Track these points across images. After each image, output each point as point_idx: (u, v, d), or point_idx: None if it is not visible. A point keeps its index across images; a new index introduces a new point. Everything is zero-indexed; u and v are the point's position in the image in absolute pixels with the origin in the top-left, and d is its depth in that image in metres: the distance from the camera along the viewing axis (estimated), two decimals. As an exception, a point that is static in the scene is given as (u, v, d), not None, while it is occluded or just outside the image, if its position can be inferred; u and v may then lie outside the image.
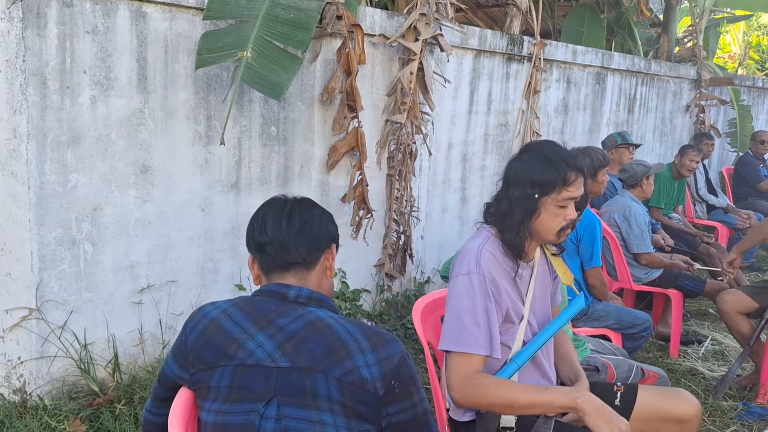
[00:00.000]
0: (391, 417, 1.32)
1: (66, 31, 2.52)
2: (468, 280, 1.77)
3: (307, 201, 1.51)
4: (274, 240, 1.41)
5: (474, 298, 1.76)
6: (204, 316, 1.39)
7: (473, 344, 1.73)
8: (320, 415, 1.27)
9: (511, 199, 1.82)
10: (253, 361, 1.30)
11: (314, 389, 1.27)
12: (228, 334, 1.33)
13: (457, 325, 1.76)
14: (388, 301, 4.06)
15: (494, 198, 1.91)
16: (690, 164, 5.17)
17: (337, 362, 1.28)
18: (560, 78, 5.19)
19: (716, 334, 4.23)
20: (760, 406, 3.24)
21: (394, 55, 3.80)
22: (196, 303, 3.08)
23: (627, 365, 2.47)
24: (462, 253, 1.87)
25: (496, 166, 4.78)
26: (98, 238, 2.72)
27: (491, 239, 1.87)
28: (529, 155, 1.85)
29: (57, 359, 2.67)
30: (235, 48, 2.65)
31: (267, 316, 1.34)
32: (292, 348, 1.30)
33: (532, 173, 1.80)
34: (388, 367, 1.30)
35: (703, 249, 4.80)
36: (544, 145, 1.88)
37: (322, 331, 1.31)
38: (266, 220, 1.44)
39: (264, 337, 1.32)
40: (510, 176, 1.86)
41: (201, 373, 1.33)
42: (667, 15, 7.11)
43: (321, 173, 3.55)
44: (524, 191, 1.80)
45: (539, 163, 1.80)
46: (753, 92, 8.46)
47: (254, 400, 1.28)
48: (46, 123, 2.52)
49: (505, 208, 1.83)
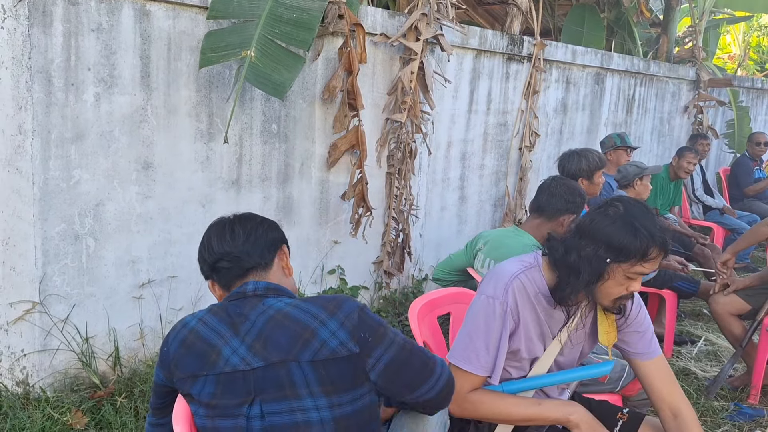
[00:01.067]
0: (377, 364, 1.37)
1: (71, 29, 2.55)
2: (489, 303, 1.75)
3: (247, 214, 1.58)
4: (223, 254, 1.48)
5: (489, 322, 1.75)
6: (184, 326, 1.43)
7: (476, 365, 1.75)
8: (300, 402, 1.31)
9: (580, 254, 1.67)
10: (230, 368, 1.34)
11: (291, 379, 1.32)
12: (206, 341, 1.37)
13: (466, 342, 1.77)
14: (386, 298, 4.10)
15: (563, 242, 1.74)
16: (687, 166, 5.21)
17: (305, 346, 1.32)
18: (559, 78, 5.22)
19: (709, 335, 4.27)
20: (751, 406, 3.28)
21: (394, 55, 3.83)
22: (195, 298, 3.12)
23: (620, 365, 2.51)
24: (495, 272, 1.81)
25: (495, 165, 4.82)
26: (100, 233, 2.76)
27: (534, 270, 1.79)
28: (615, 213, 1.67)
29: (59, 352, 2.71)
30: (239, 47, 2.68)
31: (236, 319, 1.39)
32: (262, 346, 1.34)
33: (612, 235, 1.63)
34: (351, 325, 1.36)
35: (698, 250, 4.84)
36: (635, 208, 1.68)
37: (283, 323, 1.36)
38: (211, 240, 1.51)
39: (237, 342, 1.36)
40: (587, 227, 1.70)
41: (182, 381, 1.38)
42: (667, 15, 7.13)
43: (321, 171, 3.59)
44: (597, 251, 1.65)
45: (624, 227, 1.63)
46: (752, 93, 8.49)
47: (238, 404, 1.33)
48: (51, 120, 2.55)
49: (572, 262, 1.68)
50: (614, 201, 1.72)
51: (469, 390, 1.77)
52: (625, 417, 1.89)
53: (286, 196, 3.43)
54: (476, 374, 1.76)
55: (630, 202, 1.71)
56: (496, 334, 1.74)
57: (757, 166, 6.74)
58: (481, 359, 1.75)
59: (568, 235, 1.76)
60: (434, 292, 2.37)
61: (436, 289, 2.50)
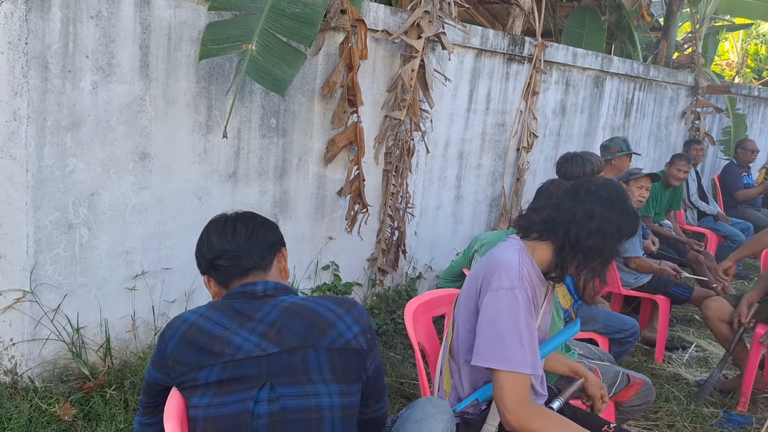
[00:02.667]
0: (369, 368, 1.45)
1: (69, 15, 2.51)
2: (512, 295, 1.72)
3: (249, 213, 1.58)
4: (223, 252, 1.48)
5: (518, 314, 1.71)
6: (183, 321, 1.42)
7: (521, 363, 1.69)
8: (314, 387, 1.34)
9: (604, 238, 1.78)
10: (243, 354, 1.34)
11: (306, 365, 1.35)
12: (210, 334, 1.37)
13: (499, 341, 1.70)
14: (380, 295, 4.09)
15: (574, 224, 1.79)
16: (677, 174, 5.20)
17: (323, 334, 1.38)
18: (559, 80, 5.21)
19: (701, 341, 4.29)
20: (740, 414, 3.30)
21: (395, 52, 3.80)
22: (189, 291, 3.10)
23: (613, 371, 2.51)
24: (499, 264, 1.80)
25: (492, 165, 4.81)
26: (94, 223, 2.73)
27: (525, 254, 1.83)
28: (621, 202, 1.82)
29: (49, 342, 2.69)
30: (240, 40, 2.65)
31: (243, 313, 1.40)
32: (276, 334, 1.37)
33: (624, 221, 1.81)
34: (364, 324, 1.46)
35: (692, 256, 4.85)
36: (626, 195, 1.88)
37: (299, 312, 1.40)
38: (210, 237, 1.51)
39: (247, 332, 1.37)
40: (599, 214, 1.78)
41: (184, 374, 1.36)
42: (668, 20, 7.13)
43: (318, 166, 3.56)
44: (612, 235, 1.78)
45: (632, 214, 1.83)
46: (749, 101, 8.52)
47: (247, 388, 1.33)
48: (47, 106, 2.51)
49: (596, 246, 1.77)
50: (612, 188, 1.85)
51: (525, 394, 1.69)
52: (611, 430, 1.89)
53: (283, 191, 3.41)
54: (523, 372, 1.69)
55: (623, 190, 1.87)
56: (525, 324, 1.71)
57: (745, 172, 6.79)
58: (522, 355, 1.69)
59: (576, 218, 1.79)
60: (430, 292, 2.36)
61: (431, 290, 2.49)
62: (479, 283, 1.81)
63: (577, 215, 1.78)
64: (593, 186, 1.84)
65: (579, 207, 1.79)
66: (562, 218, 1.80)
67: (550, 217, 1.83)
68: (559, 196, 1.88)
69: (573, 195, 1.84)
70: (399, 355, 3.60)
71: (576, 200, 1.81)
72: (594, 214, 1.78)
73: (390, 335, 3.82)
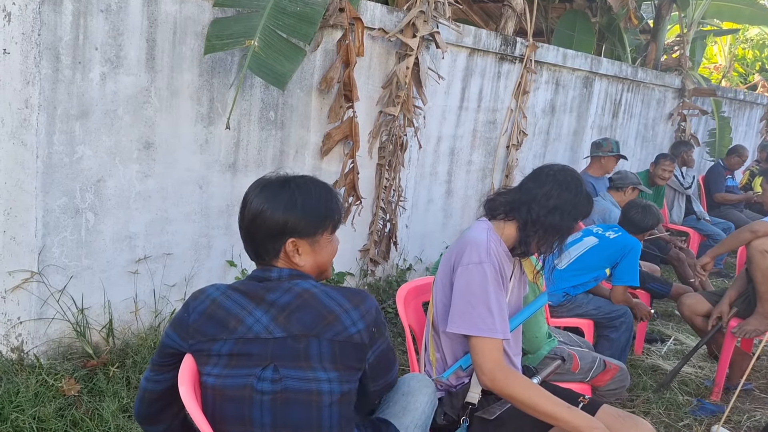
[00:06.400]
0: (370, 358, 1.53)
1: (80, 9, 2.62)
2: (481, 269, 1.89)
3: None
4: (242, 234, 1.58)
5: (486, 285, 1.88)
6: (207, 297, 1.52)
7: (491, 329, 1.85)
8: (315, 373, 1.44)
9: (561, 216, 1.98)
10: (252, 334, 1.45)
11: (307, 351, 1.44)
12: (228, 311, 1.48)
13: (469, 310, 1.88)
14: (371, 285, 4.22)
15: (535, 204, 1.99)
16: (662, 173, 5.38)
17: (328, 326, 1.46)
18: (549, 80, 5.36)
19: (679, 335, 4.46)
20: (713, 403, 3.46)
21: (391, 49, 3.93)
22: (189, 276, 3.22)
23: (591, 357, 2.66)
24: (469, 242, 1.97)
25: (482, 162, 4.95)
26: (100, 208, 2.84)
27: (492, 233, 2.00)
28: (577, 184, 2.04)
29: (55, 321, 2.80)
30: (243, 36, 2.77)
31: (258, 293, 1.50)
32: (285, 319, 1.46)
33: (579, 203, 2.02)
34: (369, 319, 1.51)
35: (674, 254, 5.01)
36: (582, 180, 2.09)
37: (309, 302, 1.48)
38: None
39: (260, 313, 1.47)
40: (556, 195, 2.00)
41: (201, 343, 1.48)
42: (657, 23, 7.29)
43: (315, 159, 3.69)
44: (570, 213, 2.00)
45: (584, 196, 2.04)
46: (734, 104, 8.71)
47: (252, 365, 1.44)
48: (57, 96, 2.62)
49: (553, 222, 1.98)
50: (570, 172, 2.08)
51: (498, 357, 1.85)
52: (586, 401, 2.03)
53: (280, 182, 3.53)
54: (495, 338, 1.85)
55: (578, 175, 2.09)
56: (493, 294, 1.88)
57: (730, 174, 6.97)
58: (488, 321, 1.86)
59: (537, 198, 2.00)
60: (420, 279, 2.49)
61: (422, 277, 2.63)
62: (453, 260, 1.99)
63: (538, 195, 2.00)
64: (552, 171, 2.06)
65: (540, 188, 2.01)
66: (525, 198, 2.01)
67: (514, 198, 2.04)
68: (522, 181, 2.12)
69: (534, 178, 2.06)
70: (389, 342, 3.74)
71: (537, 182, 2.03)
72: (552, 195, 1.99)
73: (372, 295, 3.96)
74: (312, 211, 1.52)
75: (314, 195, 1.53)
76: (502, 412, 1.95)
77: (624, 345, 3.45)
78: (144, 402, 1.59)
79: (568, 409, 1.80)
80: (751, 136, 9.39)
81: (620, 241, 3.51)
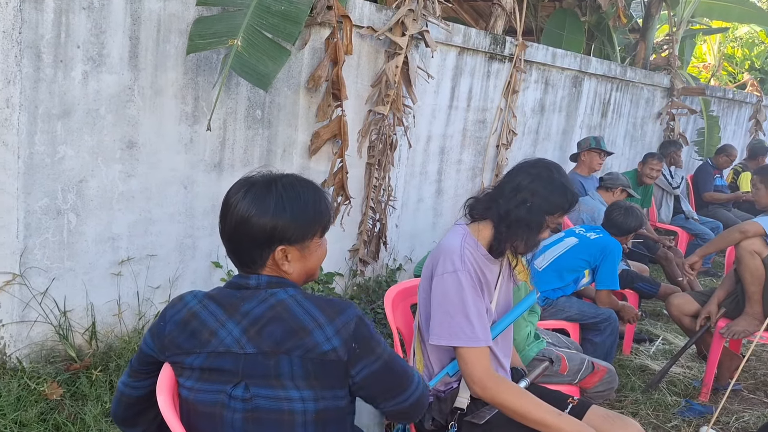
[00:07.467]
0: (355, 376, 1.40)
1: (62, 6, 2.57)
2: (456, 278, 1.86)
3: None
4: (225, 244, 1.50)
5: (463, 294, 1.84)
6: (184, 305, 1.46)
7: (472, 338, 1.82)
8: (286, 392, 1.37)
9: (528, 209, 1.91)
10: (224, 348, 1.39)
11: (278, 370, 1.36)
12: (203, 322, 1.42)
13: (448, 320, 1.84)
14: (360, 285, 4.20)
15: (503, 199, 1.94)
16: (650, 172, 5.40)
17: (299, 341, 1.36)
18: (539, 79, 5.34)
19: (668, 335, 4.46)
20: (701, 403, 3.46)
21: (380, 48, 3.90)
22: (173, 277, 3.18)
23: (579, 358, 2.65)
24: (443, 250, 1.93)
25: (472, 161, 4.93)
26: (82, 209, 2.80)
27: (468, 238, 1.95)
28: (549, 175, 1.96)
29: (37, 324, 2.76)
30: (226, 36, 2.73)
31: (233, 303, 1.43)
32: (256, 333, 1.38)
33: (551, 194, 1.93)
34: (346, 334, 1.37)
35: (662, 253, 5.02)
36: (560, 171, 2.00)
37: (282, 315, 1.39)
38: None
39: (233, 324, 1.40)
40: (526, 186, 1.93)
41: (176, 355, 1.44)
42: (646, 22, 7.30)
43: (303, 158, 3.65)
44: (540, 206, 1.92)
45: (558, 187, 1.94)
46: (723, 103, 8.74)
47: (223, 382, 1.39)
48: (39, 95, 2.57)
49: (520, 216, 1.90)
50: (544, 164, 2.00)
51: (486, 364, 1.83)
52: (575, 402, 2.03)
53: (267, 182, 3.49)
54: (476, 346, 1.82)
55: (557, 166, 2.01)
56: (471, 302, 1.85)
57: (718, 174, 7.00)
58: (468, 331, 1.83)
59: (504, 193, 1.95)
60: (409, 281, 2.47)
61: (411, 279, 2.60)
62: (431, 269, 1.96)
63: (506, 189, 1.96)
64: (526, 164, 2.01)
65: (510, 183, 1.97)
66: (497, 194, 1.98)
67: (488, 197, 2.00)
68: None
69: (508, 173, 2.02)
70: (377, 343, 3.72)
71: (508, 177, 2.00)
72: (521, 187, 1.94)
73: (354, 304, 3.93)
74: (301, 215, 1.43)
75: (303, 197, 1.44)
76: (492, 417, 1.93)
77: (609, 348, 3.44)
78: (121, 405, 1.55)
79: (559, 417, 1.80)
80: (740, 135, 9.43)
81: (600, 242, 3.49)
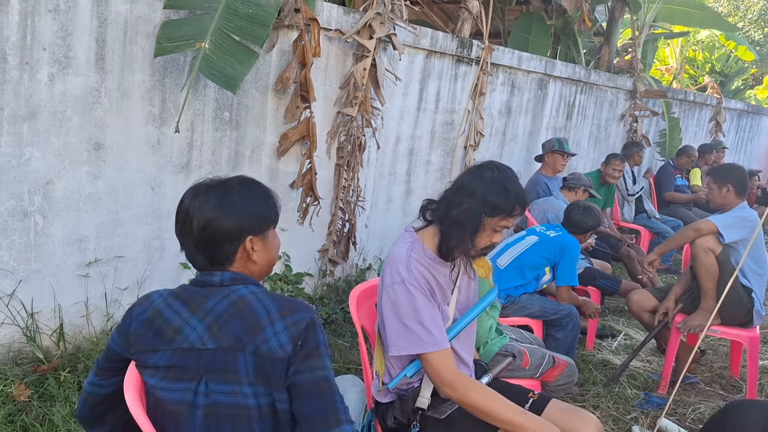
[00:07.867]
0: (291, 377, 1.43)
1: (28, 8, 2.57)
2: (404, 288, 1.88)
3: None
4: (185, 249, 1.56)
5: (414, 302, 1.87)
6: (150, 304, 1.51)
7: (434, 342, 1.86)
8: (241, 387, 1.42)
9: (463, 209, 1.90)
10: (188, 345, 1.45)
11: (235, 365, 1.42)
12: (168, 321, 1.47)
13: (405, 331, 1.87)
14: (330, 285, 4.24)
15: (445, 200, 1.96)
16: (613, 172, 5.57)
17: (252, 337, 1.43)
18: (505, 82, 5.45)
19: (629, 330, 4.59)
20: (659, 396, 3.58)
21: (348, 50, 3.95)
22: (141, 278, 3.19)
23: (540, 353, 2.74)
24: (390, 261, 1.95)
25: (440, 162, 5.01)
26: (49, 211, 2.79)
27: (416, 244, 1.97)
28: (491, 176, 1.92)
29: (4, 326, 2.75)
30: (194, 39, 2.76)
31: (197, 300, 1.49)
32: (218, 329, 1.44)
33: (488, 194, 1.89)
34: (295, 331, 1.43)
35: (624, 252, 5.17)
36: (506, 173, 1.95)
37: (242, 311, 1.45)
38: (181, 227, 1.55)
39: (196, 321, 1.46)
40: (467, 186, 1.93)
41: (140, 354, 1.48)
42: (610, 27, 7.48)
43: (271, 159, 3.69)
44: (477, 207, 1.89)
45: (498, 188, 1.89)
46: (684, 105, 8.98)
47: (188, 379, 1.44)
48: (4, 97, 2.57)
49: (457, 216, 1.90)
50: (487, 165, 1.96)
51: (450, 366, 1.87)
52: (535, 396, 2.10)
53: (236, 183, 3.52)
54: (436, 350, 1.86)
55: (503, 168, 1.97)
56: (423, 309, 1.88)
57: (679, 174, 7.22)
58: (424, 337, 1.87)
59: (449, 194, 1.96)
60: (372, 280, 2.52)
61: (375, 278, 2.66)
62: (383, 279, 1.98)
63: (449, 191, 1.97)
64: (475, 165, 2.00)
65: (454, 184, 1.98)
66: (443, 196, 1.99)
67: (439, 198, 2.00)
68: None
69: (459, 175, 2.01)
70: (347, 342, 3.77)
71: (457, 178, 2.00)
72: (463, 188, 1.93)
73: (339, 324, 3.98)
74: (262, 207, 1.56)
75: (259, 192, 1.57)
76: (453, 412, 1.99)
77: (571, 343, 3.54)
78: (87, 405, 1.58)
79: (523, 415, 1.87)
80: (701, 136, 9.69)
81: (559, 240, 3.61)
